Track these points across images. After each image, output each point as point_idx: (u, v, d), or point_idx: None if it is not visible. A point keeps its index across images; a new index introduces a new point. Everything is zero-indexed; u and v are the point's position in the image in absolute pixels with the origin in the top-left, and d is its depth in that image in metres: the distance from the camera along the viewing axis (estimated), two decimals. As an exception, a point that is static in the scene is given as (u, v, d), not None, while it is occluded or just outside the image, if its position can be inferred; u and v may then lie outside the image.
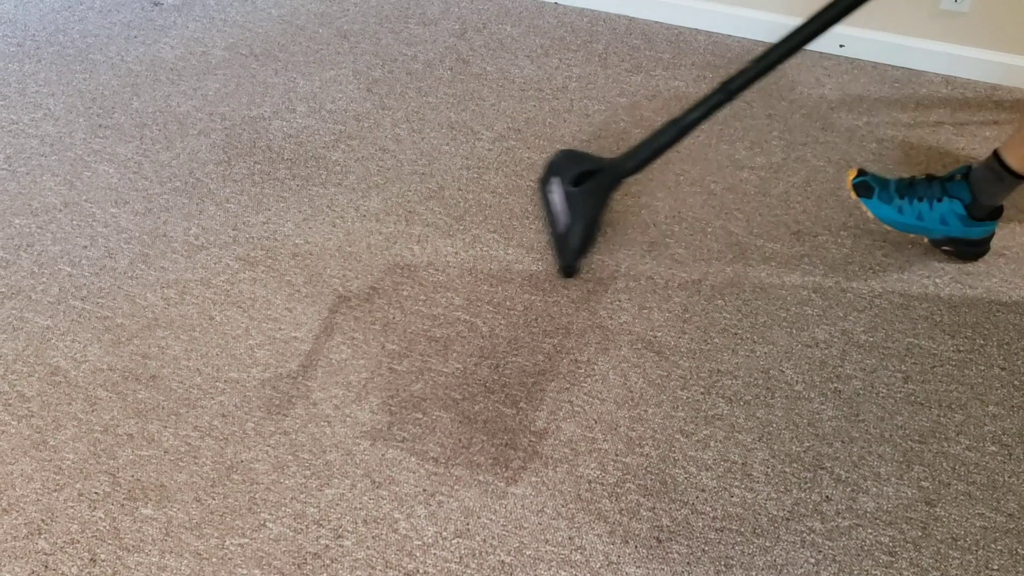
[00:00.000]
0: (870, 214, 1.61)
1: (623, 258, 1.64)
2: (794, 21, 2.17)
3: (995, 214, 1.56)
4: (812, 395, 1.41)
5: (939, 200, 1.54)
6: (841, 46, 2.17)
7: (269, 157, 1.89)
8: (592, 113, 2.00)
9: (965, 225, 1.55)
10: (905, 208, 1.57)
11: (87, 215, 1.75)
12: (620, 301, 1.56)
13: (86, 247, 1.68)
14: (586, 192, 1.57)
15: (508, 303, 1.56)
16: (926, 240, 1.63)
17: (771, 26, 2.20)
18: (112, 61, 2.20)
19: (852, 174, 1.63)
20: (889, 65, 2.15)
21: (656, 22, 2.32)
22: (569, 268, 1.59)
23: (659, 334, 1.50)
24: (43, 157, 1.90)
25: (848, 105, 2.02)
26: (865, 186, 1.60)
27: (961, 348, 1.48)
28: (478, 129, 1.96)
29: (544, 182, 1.67)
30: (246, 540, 1.23)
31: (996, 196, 1.52)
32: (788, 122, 1.97)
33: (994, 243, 1.64)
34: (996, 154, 1.48)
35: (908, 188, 1.58)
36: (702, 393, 1.41)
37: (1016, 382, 1.43)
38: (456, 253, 1.66)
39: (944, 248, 1.61)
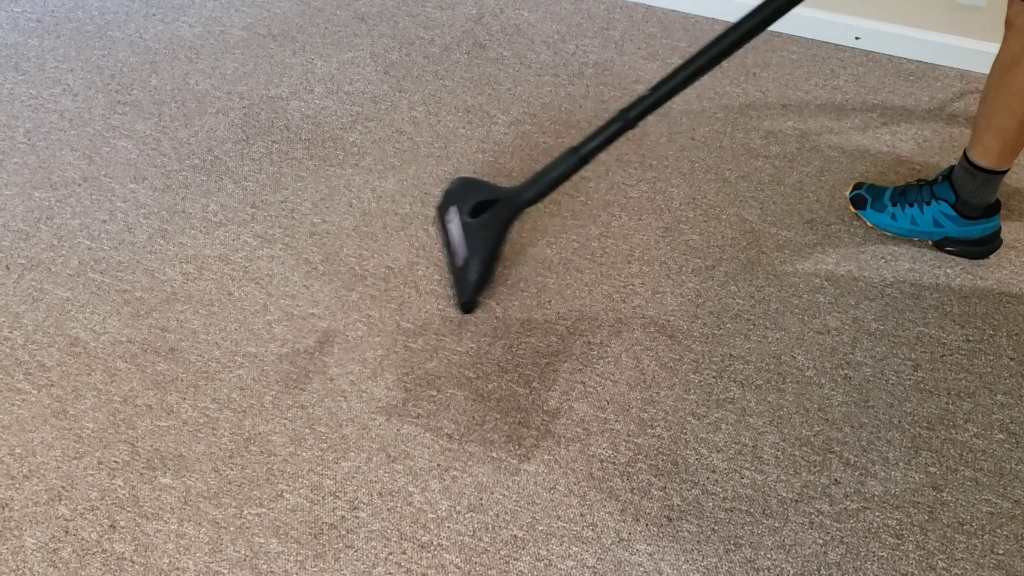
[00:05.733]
0: (869, 223, 1.67)
1: (637, 243, 1.66)
2: (809, 11, 2.19)
3: (990, 211, 1.57)
4: (823, 381, 1.42)
5: (928, 204, 1.59)
6: (857, 38, 2.18)
7: (287, 137, 1.90)
8: (608, 99, 2.01)
9: (960, 225, 1.58)
10: (898, 215, 1.62)
11: (106, 190, 1.77)
12: (633, 285, 1.58)
13: (105, 221, 1.70)
14: (484, 224, 1.50)
15: (522, 284, 1.58)
16: (931, 242, 1.65)
17: (786, 16, 2.20)
18: (131, 38, 2.21)
19: (849, 188, 1.72)
20: (904, 58, 2.15)
21: (673, 10, 2.33)
22: (467, 304, 1.52)
23: (672, 318, 1.52)
24: (62, 132, 1.91)
25: (862, 97, 2.03)
26: (859, 199, 1.69)
27: (971, 338, 1.49)
28: (494, 113, 1.98)
29: (442, 210, 1.59)
30: (263, 510, 1.25)
31: (979, 194, 1.54)
32: (803, 112, 1.98)
33: (1005, 236, 1.65)
34: (964, 153, 1.52)
35: (901, 195, 1.63)
36: (714, 377, 1.43)
37: (1025, 372, 1.44)
38: (471, 235, 1.67)
39: (948, 249, 1.63)
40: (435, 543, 1.22)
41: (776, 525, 1.24)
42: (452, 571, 1.19)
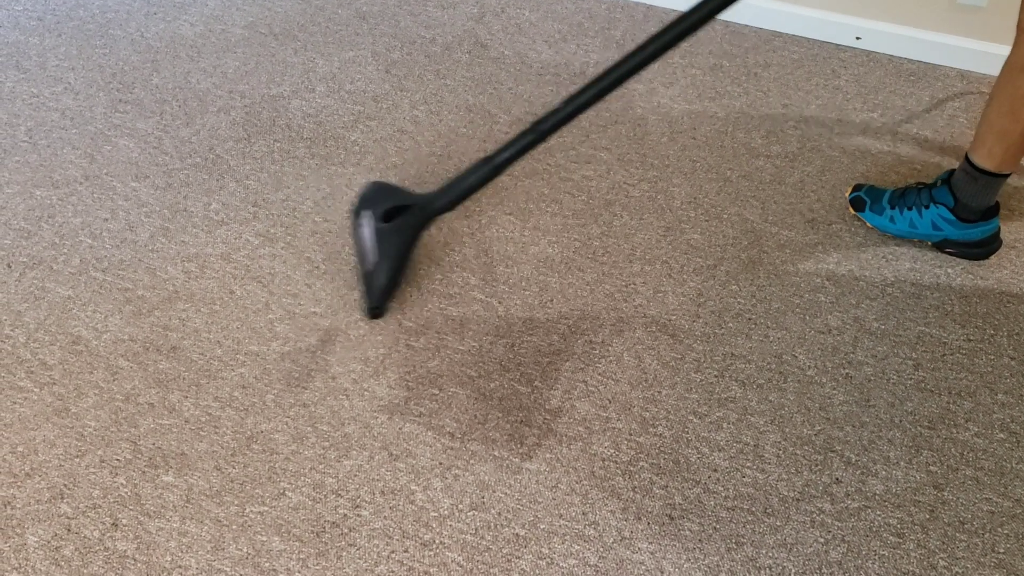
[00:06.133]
0: (869, 224, 1.68)
1: (639, 242, 1.66)
2: (810, 11, 2.19)
3: (989, 213, 1.57)
4: (824, 380, 1.43)
5: (926, 207, 1.59)
6: (858, 38, 2.18)
7: (288, 136, 1.90)
8: (609, 99, 2.02)
9: (958, 228, 1.58)
10: (897, 218, 1.63)
11: (108, 188, 1.77)
12: (635, 284, 1.58)
13: (107, 219, 1.70)
14: (395, 230, 1.50)
15: (523, 284, 1.58)
16: (931, 244, 1.65)
17: (786, 16, 2.21)
18: (132, 37, 2.21)
19: (849, 191, 1.72)
20: (905, 58, 2.16)
21: (673, 10, 2.33)
22: (375, 309, 1.51)
23: (674, 317, 1.52)
24: (63, 130, 1.91)
25: (863, 97, 2.03)
26: (858, 200, 1.69)
27: (971, 337, 1.50)
28: (495, 112, 1.98)
29: (356, 214, 1.57)
30: (266, 508, 1.25)
31: (979, 197, 1.54)
32: (804, 112, 1.98)
33: (1006, 236, 1.66)
34: (966, 155, 1.52)
35: (900, 198, 1.64)
36: (716, 376, 1.43)
37: (1025, 372, 1.45)
38: (472, 234, 1.68)
39: (948, 251, 1.63)
40: (437, 541, 1.22)
41: (778, 524, 1.24)
42: (454, 569, 1.19)
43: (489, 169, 1.43)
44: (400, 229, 1.50)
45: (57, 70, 2.10)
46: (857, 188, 1.71)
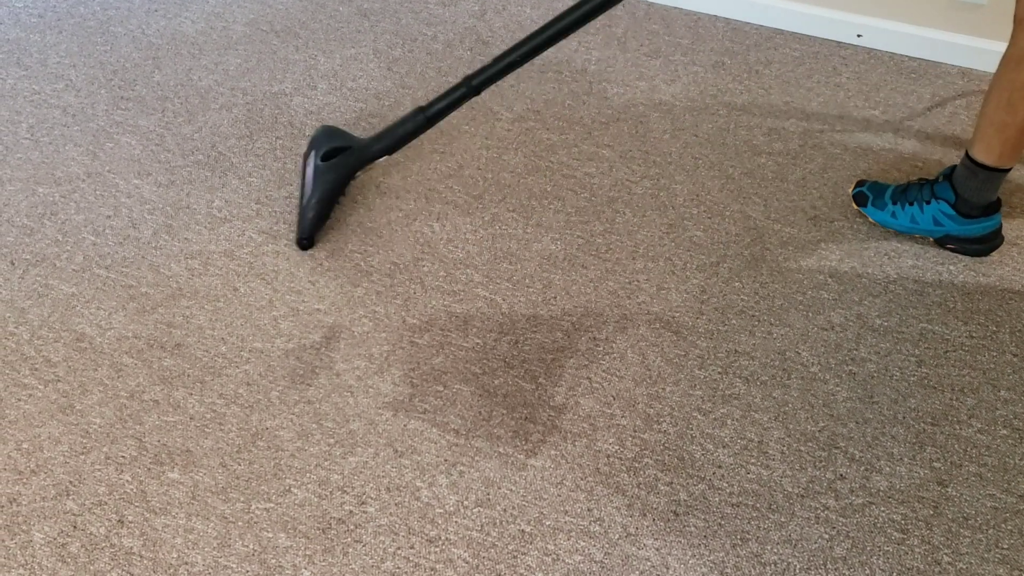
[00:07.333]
0: (871, 219, 1.69)
1: (641, 239, 1.66)
2: (812, 8, 2.19)
3: (990, 209, 1.58)
4: (827, 377, 1.43)
5: (927, 202, 1.59)
6: (859, 36, 2.18)
7: (291, 133, 1.90)
8: (611, 96, 2.02)
9: (959, 224, 1.59)
10: (899, 213, 1.64)
11: (110, 185, 1.77)
12: (638, 281, 1.58)
13: (109, 217, 1.70)
14: (330, 167, 1.64)
15: (527, 281, 1.58)
16: (932, 240, 1.66)
17: (787, 13, 2.22)
18: (133, 34, 2.21)
19: (852, 186, 1.73)
20: (906, 56, 2.16)
21: (675, 7, 2.33)
22: (303, 240, 1.62)
23: (677, 314, 1.53)
24: (65, 127, 1.91)
25: (864, 94, 2.04)
26: (861, 196, 1.70)
27: (974, 334, 1.50)
28: (497, 110, 1.98)
29: (305, 155, 1.71)
30: (271, 504, 1.25)
31: (979, 192, 1.55)
32: (805, 110, 1.99)
33: (1007, 233, 1.66)
34: (966, 151, 1.53)
35: (902, 193, 1.65)
36: (719, 373, 1.43)
37: (1028, 368, 1.45)
38: (475, 231, 1.68)
39: (949, 246, 1.63)
40: (443, 538, 1.22)
41: (782, 520, 1.25)
42: (460, 565, 1.19)
43: (423, 119, 1.59)
44: (335, 167, 1.64)
45: (58, 67, 2.09)
46: (860, 184, 1.71)
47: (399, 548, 1.21)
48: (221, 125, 1.92)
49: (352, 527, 1.23)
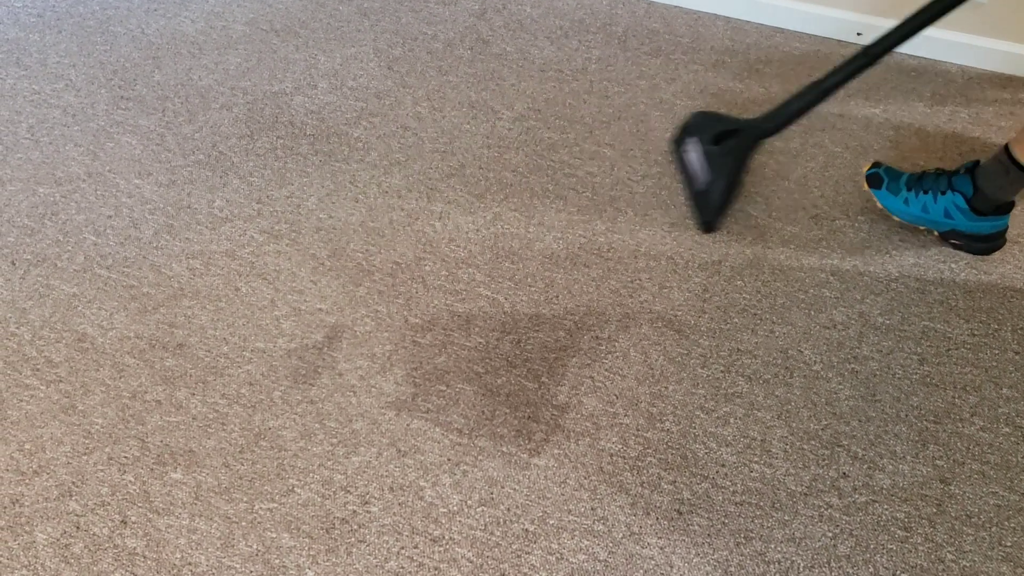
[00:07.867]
0: (879, 204, 1.67)
1: (644, 238, 1.66)
2: (812, 7, 2.19)
3: (1003, 209, 1.57)
4: (830, 375, 1.43)
5: (943, 193, 1.58)
6: (859, 34, 2.18)
7: (292, 132, 1.90)
8: (612, 95, 2.02)
9: (969, 219, 1.58)
10: (911, 200, 1.62)
11: (111, 185, 1.76)
12: (640, 280, 1.58)
13: (110, 217, 1.70)
14: (726, 151, 1.61)
15: (529, 280, 1.58)
16: (936, 233, 1.65)
17: (788, 12, 2.22)
18: (133, 33, 2.21)
19: (867, 166, 1.70)
20: (906, 54, 2.16)
21: (675, 6, 2.33)
22: (709, 224, 1.64)
23: (679, 313, 1.53)
24: (66, 127, 1.91)
25: (865, 93, 2.04)
26: (876, 177, 1.67)
27: (976, 332, 1.50)
28: (498, 109, 1.98)
29: (679, 142, 1.70)
30: (275, 504, 1.25)
31: (1002, 190, 1.53)
32: (806, 108, 1.98)
33: (1009, 232, 1.66)
34: (1006, 147, 1.51)
35: (917, 181, 1.63)
36: (722, 371, 1.43)
37: (1030, 366, 1.45)
38: (477, 230, 1.68)
39: (952, 242, 1.63)
40: (447, 537, 1.22)
41: (786, 518, 1.25)
42: (464, 565, 1.19)
43: (818, 92, 1.52)
44: (731, 151, 1.61)
45: (58, 67, 2.09)
46: (876, 165, 1.69)
47: (403, 548, 1.21)
48: (222, 125, 1.92)
49: (356, 527, 1.23)
